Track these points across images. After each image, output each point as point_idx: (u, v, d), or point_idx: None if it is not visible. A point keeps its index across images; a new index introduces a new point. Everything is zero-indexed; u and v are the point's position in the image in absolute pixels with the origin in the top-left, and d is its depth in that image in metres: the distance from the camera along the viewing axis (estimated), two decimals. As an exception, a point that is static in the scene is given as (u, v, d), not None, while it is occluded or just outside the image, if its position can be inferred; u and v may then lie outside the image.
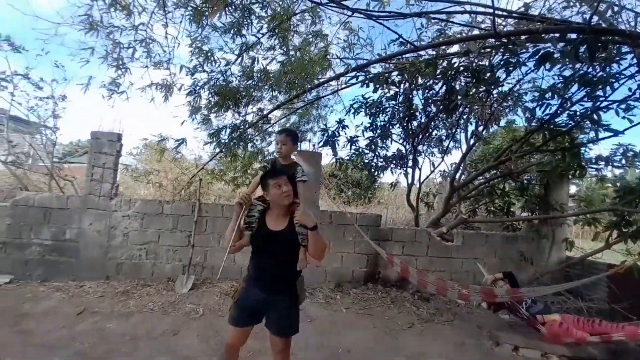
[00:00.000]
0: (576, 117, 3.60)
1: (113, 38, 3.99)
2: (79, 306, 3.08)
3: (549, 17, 3.15)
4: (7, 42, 4.48)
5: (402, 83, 4.28)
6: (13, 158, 4.88)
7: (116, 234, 3.91)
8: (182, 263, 3.97)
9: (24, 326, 2.64)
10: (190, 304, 3.29)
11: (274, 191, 1.60)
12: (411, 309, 3.64)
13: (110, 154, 3.99)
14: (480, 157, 5.09)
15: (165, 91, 4.58)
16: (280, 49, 4.48)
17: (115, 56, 4.07)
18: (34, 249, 3.80)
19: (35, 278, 3.74)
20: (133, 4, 3.75)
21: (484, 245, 4.40)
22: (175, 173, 6.40)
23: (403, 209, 7.13)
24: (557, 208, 4.27)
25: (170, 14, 4.01)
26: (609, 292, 3.73)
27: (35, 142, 5.43)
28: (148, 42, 4.17)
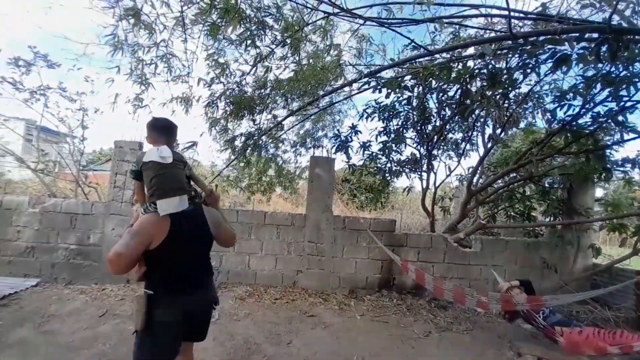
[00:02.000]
0: (600, 118, 3.46)
1: (137, 55, 4.22)
2: (102, 308, 3.19)
3: (567, 17, 3.08)
4: (43, 59, 4.81)
5: (416, 87, 4.26)
6: (42, 166, 5.18)
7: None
8: (198, 267, 4.04)
9: (50, 327, 2.76)
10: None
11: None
12: (428, 317, 3.54)
13: (132, 161, 4.16)
14: (499, 161, 4.94)
15: (185, 104, 4.78)
16: (293, 58, 4.58)
17: (138, 72, 4.31)
18: (60, 253, 3.99)
19: (61, 281, 3.91)
20: (155, 22, 3.95)
21: (504, 252, 4.25)
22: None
23: (418, 214, 7.02)
24: (581, 213, 4.07)
25: (189, 29, 4.20)
26: (637, 301, 3.50)
27: (63, 151, 5.75)
28: (168, 57, 4.38)
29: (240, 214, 4.31)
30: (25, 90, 4.89)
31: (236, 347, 2.64)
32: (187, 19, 4.11)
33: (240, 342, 2.72)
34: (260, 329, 2.97)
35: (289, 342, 2.78)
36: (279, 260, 4.23)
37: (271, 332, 2.93)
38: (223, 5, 3.81)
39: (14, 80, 4.79)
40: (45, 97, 5.05)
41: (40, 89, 4.97)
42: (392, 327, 3.24)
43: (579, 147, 3.63)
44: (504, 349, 2.85)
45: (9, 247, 4.00)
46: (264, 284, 4.13)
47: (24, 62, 4.75)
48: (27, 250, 3.96)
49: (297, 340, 2.83)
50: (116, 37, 3.93)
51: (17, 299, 3.31)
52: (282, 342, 2.77)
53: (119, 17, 3.76)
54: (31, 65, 4.80)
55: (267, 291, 3.96)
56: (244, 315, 3.26)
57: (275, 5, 4.10)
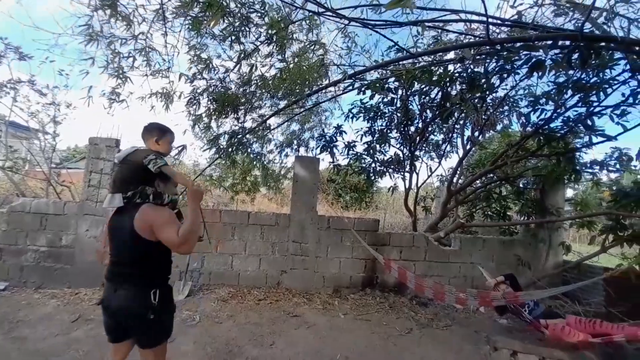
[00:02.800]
0: (570, 123, 3.65)
1: (113, 48, 4.04)
2: (74, 313, 3.05)
3: (541, 24, 3.22)
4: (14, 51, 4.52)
5: (399, 89, 4.34)
6: (11, 164, 4.88)
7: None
8: (178, 269, 3.94)
9: (19, 333, 2.62)
10: (187, 311, 3.26)
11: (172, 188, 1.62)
12: (409, 314, 3.63)
13: (108, 159, 4.00)
14: (477, 162, 5.13)
15: (165, 100, 4.63)
16: (278, 56, 4.54)
17: (115, 65, 4.13)
18: (29, 256, 3.77)
19: (31, 285, 3.70)
20: (133, 14, 3.80)
21: (482, 250, 4.42)
22: (173, 179, 6.38)
23: (401, 214, 7.16)
24: (553, 212, 4.30)
25: (169, 23, 4.07)
26: (606, 296, 3.74)
27: (34, 148, 5.44)
28: (147, 51, 4.22)
29: (223, 214, 4.23)
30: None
31: (218, 349, 2.59)
32: (167, 12, 3.99)
33: (222, 344, 2.67)
34: (243, 331, 2.94)
35: (272, 343, 2.76)
36: (263, 260, 4.19)
37: (254, 334, 2.90)
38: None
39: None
40: (15, 91, 4.76)
41: (10, 82, 4.67)
42: (374, 325, 3.29)
43: (550, 150, 3.82)
44: (481, 344, 2.96)
45: (-27, 250, 3.75)
46: (247, 285, 4.09)
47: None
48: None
49: (280, 341, 2.82)
50: (91, 27, 3.76)
51: (-18, 304, 3.11)
52: (265, 344, 2.75)
53: (94, 8, 3.60)
54: (1, 57, 4.50)
55: (251, 292, 3.91)
56: (226, 317, 3.21)
57: (260, 1, 4.04)
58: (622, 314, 3.43)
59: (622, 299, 3.55)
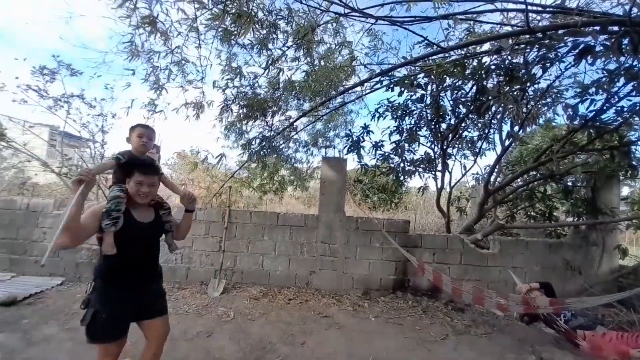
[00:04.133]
0: (624, 113, 3.30)
1: (152, 62, 4.36)
2: (122, 306, 3.29)
3: (587, 10, 2.96)
4: (66, 68, 5.04)
5: (429, 85, 4.19)
6: (66, 170, 5.40)
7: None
8: (213, 267, 4.12)
9: (74, 324, 2.85)
10: (222, 307, 3.39)
11: (134, 186, 1.53)
12: (444, 319, 3.47)
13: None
14: (518, 159, 4.79)
15: (197, 109, 4.90)
16: (305, 59, 4.60)
17: (153, 78, 4.45)
18: (83, 253, 4.15)
19: (84, 280, 4.07)
20: (169, 29, 4.07)
21: (524, 253, 4.10)
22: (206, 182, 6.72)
23: (432, 215, 6.88)
24: (606, 212, 3.88)
25: (202, 35, 4.30)
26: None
27: (85, 155, 5.99)
28: (182, 63, 4.51)
29: (253, 215, 4.36)
30: (50, 97, 5.12)
31: (251, 345, 2.66)
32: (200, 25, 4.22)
33: (256, 340, 2.74)
34: (275, 329, 2.99)
35: (303, 343, 2.78)
36: (292, 260, 4.25)
37: (285, 332, 2.94)
38: (235, 11, 3.88)
39: (39, 88, 5.02)
40: (68, 104, 5.28)
41: (63, 96, 5.19)
42: (407, 330, 3.18)
43: (602, 144, 3.47)
44: (526, 354, 2.75)
45: (36, 248, 4.20)
46: (277, 284, 4.16)
47: (48, 71, 4.97)
48: (52, 250, 4.12)
49: (310, 340, 2.83)
50: (133, 44, 4.08)
51: (43, 297, 3.46)
52: (296, 342, 2.78)
53: (135, 26, 3.91)
54: (55, 74, 5.03)
55: (281, 291, 3.98)
56: (259, 315, 3.29)
57: (287, 7, 4.14)
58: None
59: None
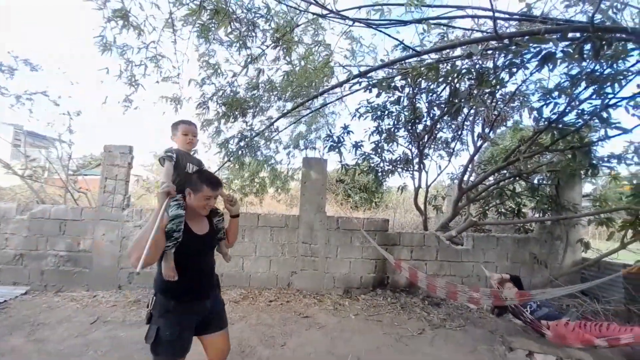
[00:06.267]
0: (585, 116, 3.53)
1: (126, 57, 4.20)
2: (93, 315, 3.15)
3: (551, 17, 3.14)
4: (26, 63, 4.74)
5: (406, 87, 4.30)
6: (30, 172, 5.08)
7: (128, 244, 3.99)
8: (191, 271, 4.01)
9: (39, 335, 2.71)
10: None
11: (201, 201, 1.45)
12: (421, 314, 3.58)
13: (122, 166, 4.12)
14: (489, 159, 5.03)
15: (175, 104, 4.77)
16: (285, 59, 4.59)
17: (128, 74, 4.29)
18: (49, 260, 3.92)
19: (51, 288, 3.85)
20: (144, 23, 3.94)
21: (495, 249, 4.32)
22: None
23: (411, 213, 7.07)
24: (569, 208, 4.16)
25: (178, 30, 4.19)
26: (625, 294, 3.59)
27: (51, 156, 5.66)
28: (158, 58, 4.37)
29: (233, 217, 4.29)
30: (10, 95, 4.81)
31: (231, 350, 2.61)
32: (176, 20, 4.11)
33: (235, 345, 2.70)
34: (255, 332, 2.96)
35: (283, 344, 2.78)
36: (273, 262, 4.22)
37: (265, 335, 2.92)
38: (213, 7, 3.81)
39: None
40: (31, 102, 4.97)
41: (25, 93, 4.89)
42: (386, 326, 3.26)
43: (565, 144, 3.71)
44: (496, 344, 2.89)
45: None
46: (258, 287, 4.12)
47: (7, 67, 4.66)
48: (16, 257, 3.89)
49: (291, 341, 2.83)
50: (104, 38, 3.92)
51: (6, 307, 3.25)
52: (276, 344, 2.77)
53: (107, 19, 3.75)
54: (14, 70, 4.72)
55: (262, 293, 3.95)
56: (238, 318, 3.25)
57: (265, 6, 4.11)
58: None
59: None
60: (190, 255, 1.46)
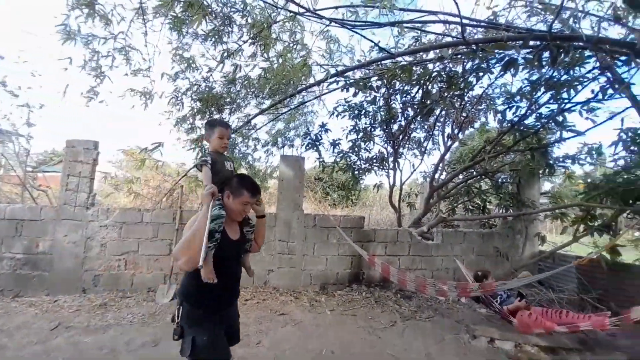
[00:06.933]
0: (543, 119, 3.81)
1: (91, 47, 3.96)
2: (54, 321, 2.97)
3: (514, 25, 3.35)
4: None
5: (382, 88, 4.42)
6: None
7: (93, 245, 3.80)
8: (163, 272, 3.89)
9: (-8, 344, 2.53)
10: (172, 314, 3.22)
11: (239, 206, 1.42)
12: (394, 307, 3.71)
13: (86, 162, 3.89)
14: (458, 158, 5.29)
15: (145, 98, 4.57)
16: (262, 56, 4.54)
17: (93, 65, 4.05)
18: (4, 264, 3.63)
19: (7, 293, 3.57)
20: (111, 13, 3.73)
21: (463, 243, 4.56)
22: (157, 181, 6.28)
23: (387, 210, 7.27)
24: (529, 205, 4.49)
25: (149, 22, 4.01)
26: (578, 284, 3.94)
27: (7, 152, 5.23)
28: (127, 50, 4.16)
29: (208, 215, 4.20)
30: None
31: (203, 350, 2.59)
32: (148, 11, 3.93)
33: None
34: (229, 331, 2.94)
35: (258, 342, 2.78)
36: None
37: (240, 334, 2.90)
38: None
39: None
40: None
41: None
42: (360, 320, 3.35)
43: (525, 145, 3.98)
44: (462, 333, 3.07)
45: (-59, 260, 3.58)
46: (234, 285, 4.07)
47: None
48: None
49: (266, 339, 2.84)
50: (68, 27, 3.67)
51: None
52: (251, 343, 2.76)
53: (71, 6, 3.51)
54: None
55: (238, 292, 3.91)
56: (212, 318, 3.20)
57: (242, 0, 4.03)
58: (594, 301, 3.64)
59: (594, 286, 3.75)
60: (225, 259, 1.40)
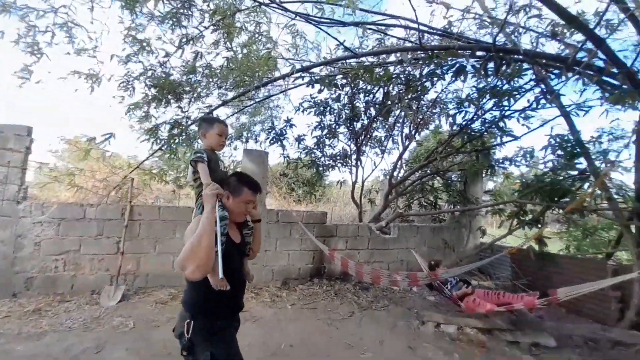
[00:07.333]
0: (487, 124, 4.23)
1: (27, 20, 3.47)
2: (-27, 330, 2.60)
3: (465, 36, 3.64)
4: None
5: (346, 86, 4.52)
6: None
7: (25, 244, 3.37)
8: (109, 273, 3.60)
9: None
10: (119, 317, 3.01)
11: (241, 205, 1.33)
12: (352, 299, 3.88)
13: (17, 150, 3.42)
14: (415, 157, 5.64)
15: (91, 81, 4.13)
16: (225, 45, 4.36)
17: (29, 40, 3.55)
18: None
19: None
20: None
21: (416, 236, 4.91)
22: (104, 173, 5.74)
23: (350, 206, 7.49)
24: (473, 201, 4.97)
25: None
26: (512, 272, 4.47)
27: None
28: (70, 26, 3.72)
29: (163, 211, 3.97)
30: None
31: (154, 354, 2.47)
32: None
33: (160, 348, 2.54)
34: (184, 330, 2.83)
35: (215, 340, 2.72)
36: (208, 257, 4.05)
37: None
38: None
39: None
40: None
41: None
42: (320, 312, 3.44)
43: (471, 147, 4.38)
44: (412, 319, 3.32)
45: None
46: (191, 284, 3.92)
47: None
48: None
49: (224, 336, 2.79)
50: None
51: None
52: (207, 341, 2.70)
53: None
54: None
55: (195, 290, 3.76)
56: (166, 320, 3.05)
57: (202, -17, 3.82)
58: (524, 286, 4.15)
59: (525, 273, 4.28)
60: (231, 263, 1.27)
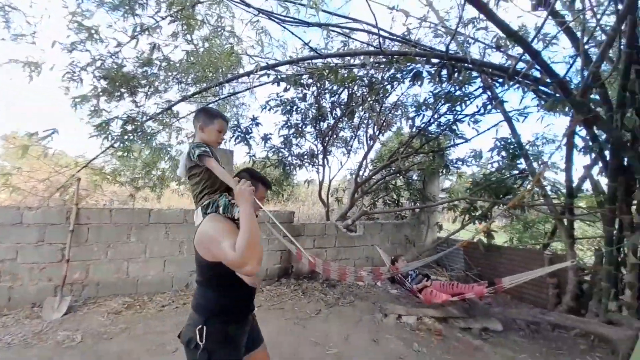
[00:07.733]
0: (442, 127, 4.56)
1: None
2: None
3: (421, 43, 3.88)
4: None
5: (312, 86, 4.56)
6: None
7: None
8: (52, 283, 3.25)
9: None
10: (65, 331, 2.74)
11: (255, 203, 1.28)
12: (320, 296, 3.93)
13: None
14: (379, 157, 5.88)
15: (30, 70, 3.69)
16: (184, 38, 4.16)
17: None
18: None
19: None
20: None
21: (380, 233, 5.12)
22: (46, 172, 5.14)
23: (318, 205, 7.57)
24: (431, 199, 5.32)
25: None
26: (464, 263, 4.86)
27: None
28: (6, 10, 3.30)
29: (115, 214, 3.66)
30: None
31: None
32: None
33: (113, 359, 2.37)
34: (140, 342, 2.65)
35: (175, 350, 2.58)
36: (168, 262, 3.84)
37: (154, 343, 2.66)
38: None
39: None
40: None
41: None
42: (287, 312, 3.44)
43: (429, 148, 4.69)
44: (376, 313, 3.47)
45: None
46: (148, 292, 3.68)
47: None
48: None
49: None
50: None
51: None
52: (166, 352, 2.56)
53: None
54: None
55: (153, 299, 3.54)
56: (119, 330, 2.83)
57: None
58: (475, 276, 4.54)
59: (475, 265, 4.68)
60: None
